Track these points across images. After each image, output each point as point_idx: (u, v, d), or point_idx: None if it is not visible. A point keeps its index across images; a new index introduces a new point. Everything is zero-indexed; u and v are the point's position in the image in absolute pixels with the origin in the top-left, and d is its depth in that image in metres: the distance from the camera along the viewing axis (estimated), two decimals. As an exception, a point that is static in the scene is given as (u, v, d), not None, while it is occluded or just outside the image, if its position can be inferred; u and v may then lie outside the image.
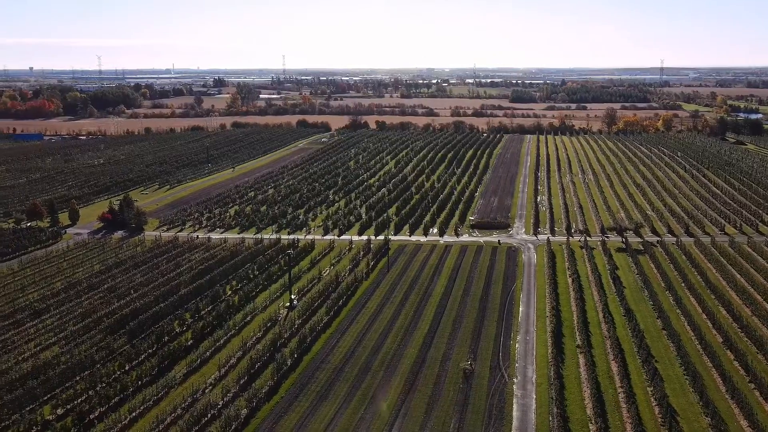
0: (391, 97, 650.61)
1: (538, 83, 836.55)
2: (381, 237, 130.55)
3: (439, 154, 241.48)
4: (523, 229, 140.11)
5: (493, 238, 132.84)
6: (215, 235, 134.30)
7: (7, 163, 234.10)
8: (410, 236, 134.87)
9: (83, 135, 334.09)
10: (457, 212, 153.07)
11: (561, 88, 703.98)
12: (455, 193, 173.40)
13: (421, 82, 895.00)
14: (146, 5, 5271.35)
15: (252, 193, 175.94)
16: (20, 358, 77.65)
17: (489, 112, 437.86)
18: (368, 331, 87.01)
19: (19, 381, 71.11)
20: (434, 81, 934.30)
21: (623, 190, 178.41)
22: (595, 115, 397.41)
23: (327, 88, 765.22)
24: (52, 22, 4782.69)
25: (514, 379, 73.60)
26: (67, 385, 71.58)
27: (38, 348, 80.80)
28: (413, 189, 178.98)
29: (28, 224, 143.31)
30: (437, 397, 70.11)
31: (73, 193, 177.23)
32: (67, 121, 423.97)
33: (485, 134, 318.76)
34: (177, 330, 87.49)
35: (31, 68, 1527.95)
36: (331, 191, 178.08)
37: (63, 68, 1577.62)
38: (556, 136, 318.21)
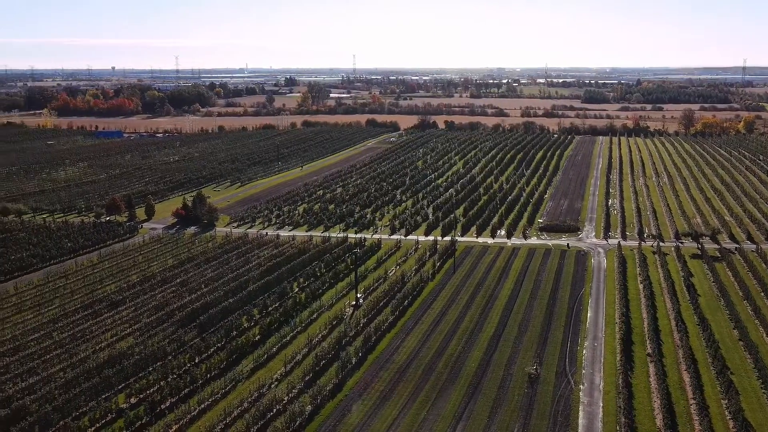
0: (460, 96, 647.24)
1: (611, 83, 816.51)
2: (448, 238, 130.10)
3: (508, 155, 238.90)
4: (594, 233, 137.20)
5: (562, 241, 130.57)
6: (284, 233, 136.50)
7: (90, 159, 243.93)
8: (477, 238, 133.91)
9: (160, 132, 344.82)
10: (526, 214, 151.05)
11: (636, 88, 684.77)
12: (524, 194, 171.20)
13: (491, 81, 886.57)
14: (222, 7, 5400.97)
15: (320, 192, 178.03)
16: (97, 348, 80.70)
17: (560, 112, 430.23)
18: (433, 332, 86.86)
19: (96, 369, 73.98)
20: (504, 81, 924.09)
21: (700, 195, 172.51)
22: (672, 117, 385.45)
23: (396, 87, 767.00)
24: (134, 24, 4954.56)
25: (581, 386, 72.19)
26: (140, 375, 74.06)
27: (114, 338, 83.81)
28: (481, 190, 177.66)
29: (107, 218, 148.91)
30: (501, 400, 69.43)
31: (149, 188, 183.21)
32: (145, 119, 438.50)
33: (556, 135, 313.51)
34: (245, 325, 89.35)
35: (113, 68, 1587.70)
36: (399, 191, 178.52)
37: (143, 68, 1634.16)
38: (629, 138, 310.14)
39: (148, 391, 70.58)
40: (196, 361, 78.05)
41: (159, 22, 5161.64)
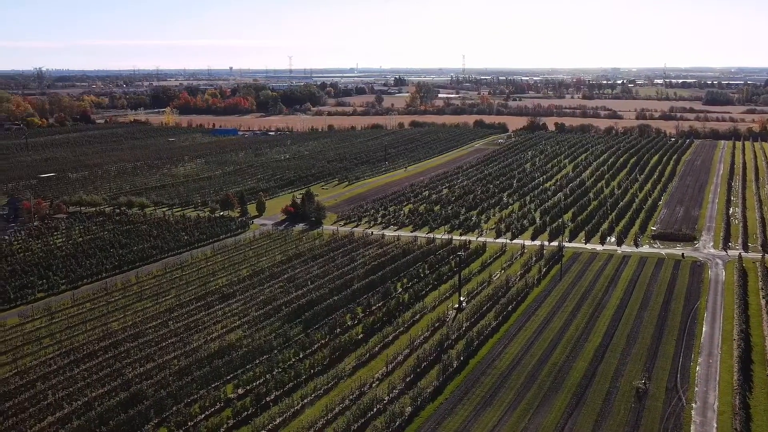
0: (572, 98, 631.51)
1: (736, 84, 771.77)
2: (555, 243, 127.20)
3: (621, 159, 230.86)
4: (711, 243, 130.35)
5: (677, 250, 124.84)
6: (389, 232, 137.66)
7: (206, 156, 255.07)
8: (585, 244, 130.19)
9: (272, 131, 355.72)
10: (638, 221, 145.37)
11: (764, 89, 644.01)
12: (636, 200, 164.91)
13: (604, 82, 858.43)
14: (334, 8, 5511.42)
15: (426, 193, 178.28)
16: (209, 338, 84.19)
17: (678, 115, 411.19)
18: (536, 340, 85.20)
19: (207, 359, 77.23)
20: (619, 81, 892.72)
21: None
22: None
23: (506, 88, 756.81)
24: (251, 25, 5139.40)
25: (693, 404, 68.78)
26: (247, 367, 76.62)
27: (224, 330, 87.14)
28: (591, 194, 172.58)
29: (221, 213, 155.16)
30: (606, 414, 67.19)
31: (261, 185, 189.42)
32: (259, 117, 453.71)
33: (673, 139, 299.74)
34: (348, 323, 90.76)
35: (231, 68, 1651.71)
36: (506, 193, 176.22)
37: (258, 68, 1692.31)
38: (755, 143, 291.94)
39: (254, 383, 72.95)
40: (301, 356, 79.95)
41: (275, 23, 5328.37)
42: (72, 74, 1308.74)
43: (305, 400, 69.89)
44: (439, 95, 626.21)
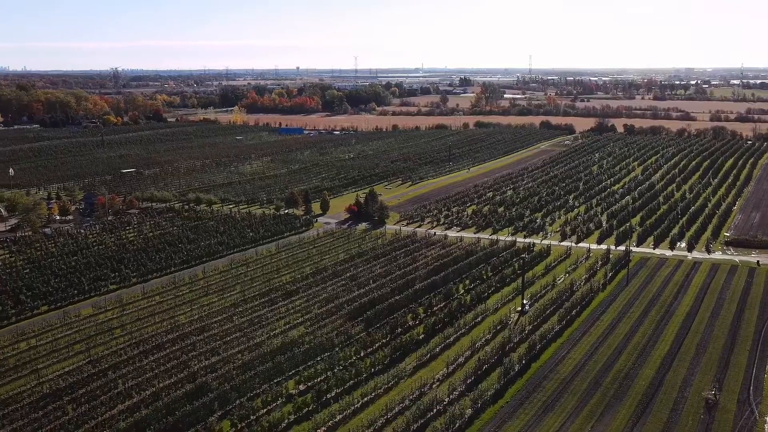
0: (642, 99, 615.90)
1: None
2: (621, 247, 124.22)
3: (693, 162, 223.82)
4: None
5: (752, 258, 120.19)
6: (452, 233, 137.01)
7: (273, 154, 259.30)
8: (654, 249, 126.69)
9: (337, 130, 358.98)
10: (710, 226, 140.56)
11: None
12: (709, 205, 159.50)
13: (677, 83, 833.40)
14: (400, 8, 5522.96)
15: (490, 194, 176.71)
16: (272, 334, 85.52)
17: (756, 116, 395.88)
18: (601, 346, 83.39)
19: (270, 354, 78.44)
20: (692, 82, 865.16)
21: None
22: None
23: (573, 88, 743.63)
24: (318, 25, 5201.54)
25: (767, 418, 66.12)
26: (309, 363, 77.48)
27: (287, 326, 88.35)
28: (661, 198, 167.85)
29: (286, 211, 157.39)
30: (673, 424, 65.24)
31: (325, 184, 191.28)
32: (324, 116, 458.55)
33: (750, 141, 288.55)
34: (410, 323, 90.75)
35: (297, 68, 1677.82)
36: (571, 196, 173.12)
37: (324, 68, 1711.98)
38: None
39: (315, 380, 73.71)
40: (362, 354, 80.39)
41: (341, 24, 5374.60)
42: (146, 74, 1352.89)
43: (365, 399, 70.23)
44: (505, 96, 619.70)
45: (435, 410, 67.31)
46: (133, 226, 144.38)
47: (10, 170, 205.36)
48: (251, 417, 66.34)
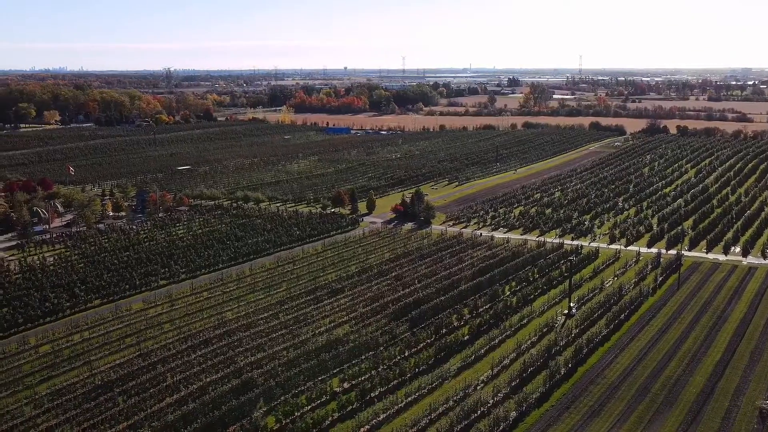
0: (696, 99, 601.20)
1: None
2: (673, 251, 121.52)
3: (750, 165, 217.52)
4: None
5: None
6: (498, 234, 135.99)
7: (320, 153, 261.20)
8: (707, 253, 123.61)
9: (384, 130, 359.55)
10: (767, 231, 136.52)
11: None
12: (766, 209, 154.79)
13: (734, 83, 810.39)
14: (449, 8, 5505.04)
15: (538, 195, 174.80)
16: (317, 332, 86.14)
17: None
18: (650, 351, 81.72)
19: (314, 352, 79.00)
20: (750, 82, 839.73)
21: None
22: None
23: (624, 89, 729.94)
24: (367, 26, 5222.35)
25: (824, 430, 63.96)
26: (353, 362, 77.80)
27: (332, 324, 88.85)
28: (714, 202, 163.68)
29: (332, 210, 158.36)
30: (725, 434, 63.61)
31: (371, 184, 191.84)
32: (371, 116, 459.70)
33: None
34: (455, 324, 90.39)
35: (345, 68, 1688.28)
36: (621, 198, 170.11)
37: (371, 68, 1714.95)
38: None
39: (359, 378, 73.97)
40: (406, 354, 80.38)
41: (389, 24, 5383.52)
42: (197, 74, 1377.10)
43: (409, 398, 70.20)
44: (554, 96, 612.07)
45: (479, 412, 66.89)
46: (182, 223, 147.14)
47: (71, 169, 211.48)
48: (295, 413, 66.94)
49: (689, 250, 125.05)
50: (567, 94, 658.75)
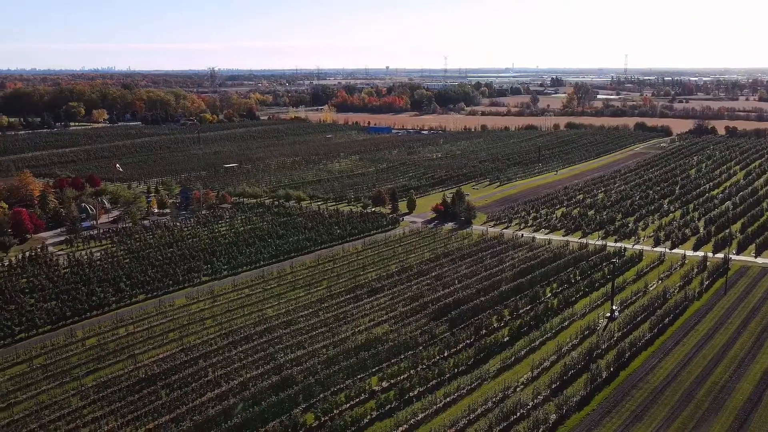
0: (746, 100, 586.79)
1: None
2: (720, 255, 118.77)
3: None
4: None
5: None
6: (540, 236, 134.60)
7: (361, 153, 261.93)
8: (756, 258, 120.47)
9: (425, 129, 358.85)
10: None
11: None
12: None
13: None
14: (491, 8, 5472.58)
15: (581, 196, 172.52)
16: (356, 330, 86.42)
17: None
18: (695, 356, 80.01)
19: (354, 351, 79.26)
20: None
21: None
22: None
23: (671, 89, 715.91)
24: (408, 26, 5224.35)
25: None
26: (392, 361, 77.84)
27: (371, 323, 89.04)
28: (764, 204, 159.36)
29: (373, 209, 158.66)
30: (773, 443, 61.94)
31: (412, 183, 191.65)
32: (413, 116, 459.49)
33: None
34: (495, 325, 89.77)
35: (387, 67, 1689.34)
36: (666, 200, 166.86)
37: (413, 67, 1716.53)
38: None
39: (398, 378, 73.99)
40: (445, 354, 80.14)
41: (431, 23, 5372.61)
42: (241, 74, 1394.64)
43: (448, 399, 70.00)
44: (598, 96, 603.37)
45: (518, 414, 66.35)
46: (225, 221, 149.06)
47: (119, 167, 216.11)
48: (334, 411, 67.28)
49: (737, 254, 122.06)
50: (611, 95, 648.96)
